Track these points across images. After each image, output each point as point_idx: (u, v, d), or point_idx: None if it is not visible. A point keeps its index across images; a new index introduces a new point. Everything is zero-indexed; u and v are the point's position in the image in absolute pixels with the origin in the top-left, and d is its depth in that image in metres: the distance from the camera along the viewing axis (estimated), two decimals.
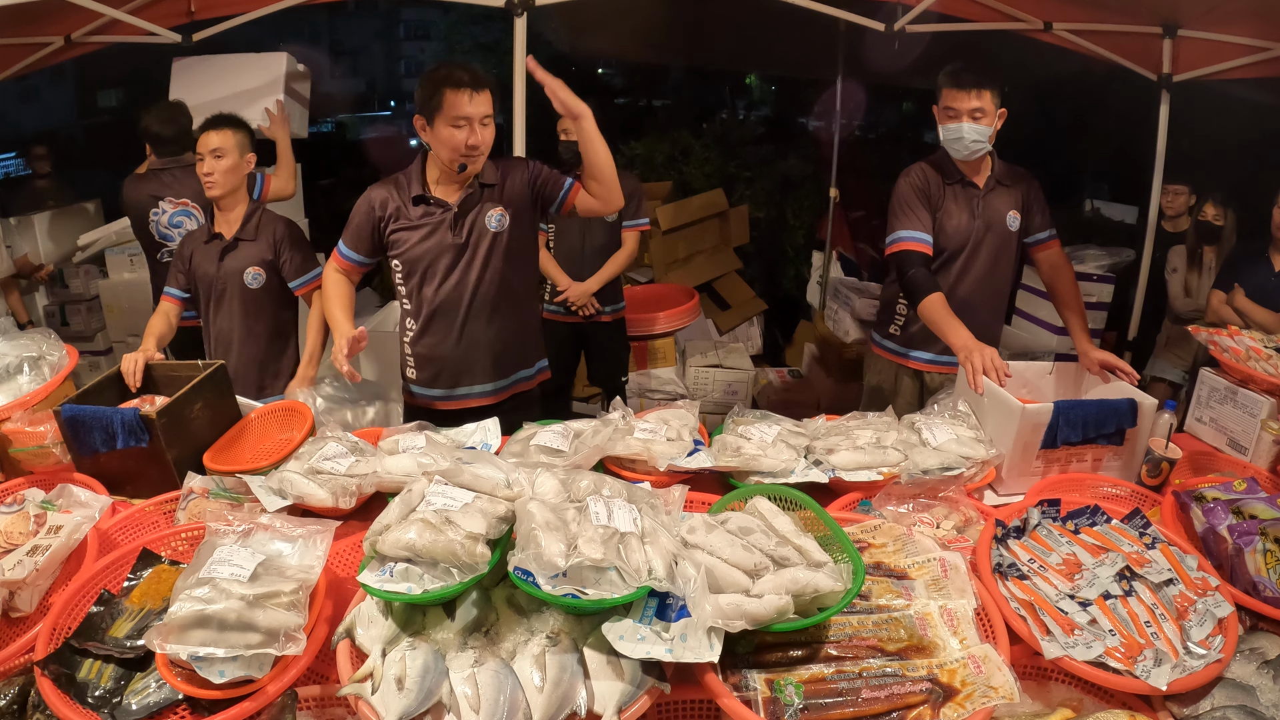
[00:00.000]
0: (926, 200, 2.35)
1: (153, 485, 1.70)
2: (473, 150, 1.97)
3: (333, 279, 2.17)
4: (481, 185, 2.07)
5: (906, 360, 2.50)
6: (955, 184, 2.36)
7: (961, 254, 2.38)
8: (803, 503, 1.42)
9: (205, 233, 2.47)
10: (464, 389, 2.19)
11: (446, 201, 2.06)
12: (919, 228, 2.33)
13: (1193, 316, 3.42)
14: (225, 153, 2.35)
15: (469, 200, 2.06)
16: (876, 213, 5.73)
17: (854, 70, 4.71)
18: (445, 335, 2.14)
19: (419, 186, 2.07)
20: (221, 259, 2.40)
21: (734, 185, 5.86)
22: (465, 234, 2.06)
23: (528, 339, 2.25)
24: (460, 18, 10.55)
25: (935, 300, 2.19)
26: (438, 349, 2.16)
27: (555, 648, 1.11)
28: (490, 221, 2.06)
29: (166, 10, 3.26)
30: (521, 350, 2.24)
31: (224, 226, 2.44)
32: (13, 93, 7.00)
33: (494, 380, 2.20)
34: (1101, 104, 4.74)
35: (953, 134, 2.25)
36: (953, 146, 2.29)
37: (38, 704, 1.14)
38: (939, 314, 2.17)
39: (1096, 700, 1.19)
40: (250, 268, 2.40)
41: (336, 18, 12.46)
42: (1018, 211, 2.40)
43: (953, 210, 2.36)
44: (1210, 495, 1.55)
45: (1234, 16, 3.01)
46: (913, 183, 2.37)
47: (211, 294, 2.44)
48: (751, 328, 5.05)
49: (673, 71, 9.86)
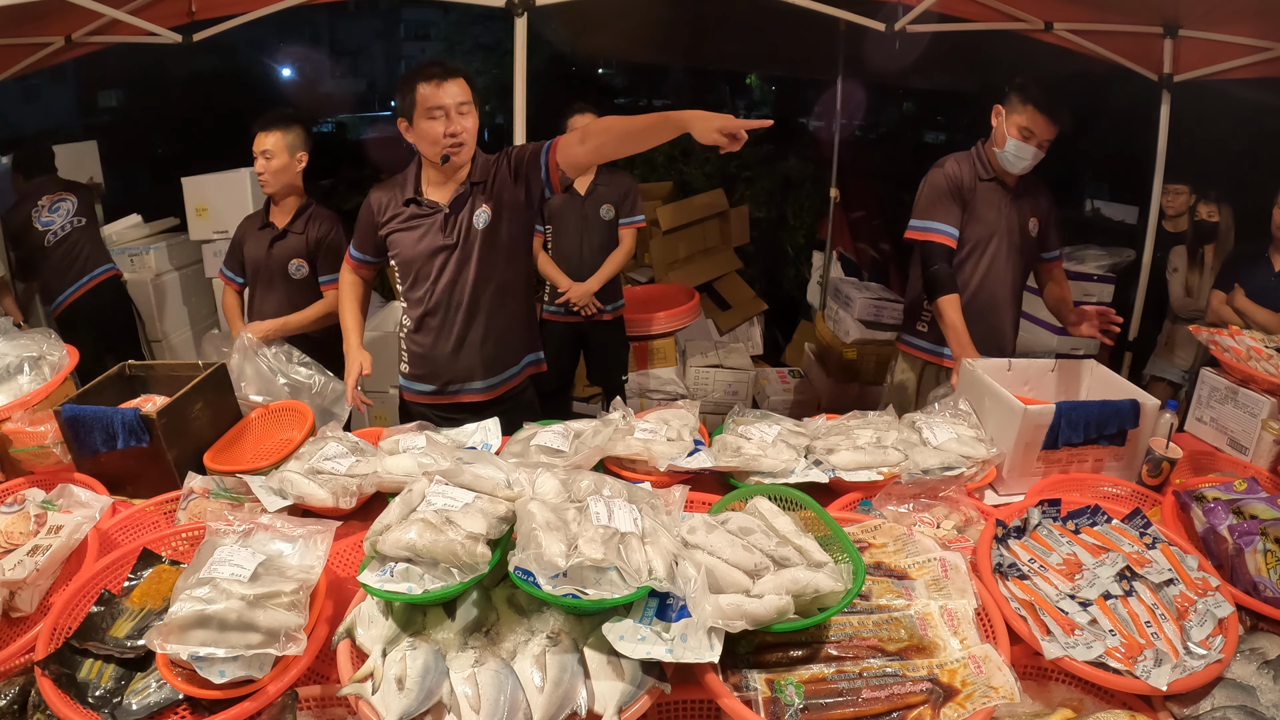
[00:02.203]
0: (959, 194, 2.39)
1: (153, 485, 1.70)
2: (453, 138, 1.97)
3: (346, 280, 2.30)
4: (472, 184, 2.06)
5: (940, 359, 2.52)
6: (990, 181, 2.41)
7: (988, 249, 2.43)
8: (803, 503, 1.42)
9: (260, 218, 2.69)
10: (455, 385, 2.20)
11: (438, 203, 2.07)
12: (947, 220, 2.38)
13: (1193, 316, 3.43)
14: (274, 154, 2.54)
15: (460, 200, 2.06)
16: (877, 213, 5.73)
17: (854, 70, 4.71)
18: (438, 334, 2.15)
19: (412, 189, 2.09)
20: (271, 246, 2.62)
21: (734, 185, 5.86)
22: (456, 234, 2.06)
23: (521, 335, 2.25)
24: (460, 18, 10.55)
25: (952, 301, 2.30)
26: (431, 347, 2.17)
27: (555, 648, 1.11)
28: (477, 220, 2.06)
29: (166, 10, 3.26)
30: (514, 346, 2.24)
31: (277, 217, 2.65)
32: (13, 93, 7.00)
33: (485, 378, 2.20)
34: (1102, 104, 4.74)
35: (1019, 153, 2.31)
36: (1010, 162, 2.34)
37: (38, 704, 1.14)
38: (950, 315, 2.29)
39: (1097, 700, 1.19)
40: (294, 259, 2.62)
41: (336, 18, 12.46)
42: (1038, 221, 2.47)
43: (983, 206, 2.41)
44: (1211, 495, 1.55)
45: (1234, 16, 3.02)
46: (948, 174, 2.40)
47: (259, 276, 2.67)
48: (751, 328, 5.05)
49: (673, 71, 9.85)
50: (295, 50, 10.23)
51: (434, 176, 2.09)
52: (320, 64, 11.05)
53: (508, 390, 2.24)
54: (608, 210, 3.27)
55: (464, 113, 1.97)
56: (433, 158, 2.02)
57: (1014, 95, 2.30)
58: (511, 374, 2.24)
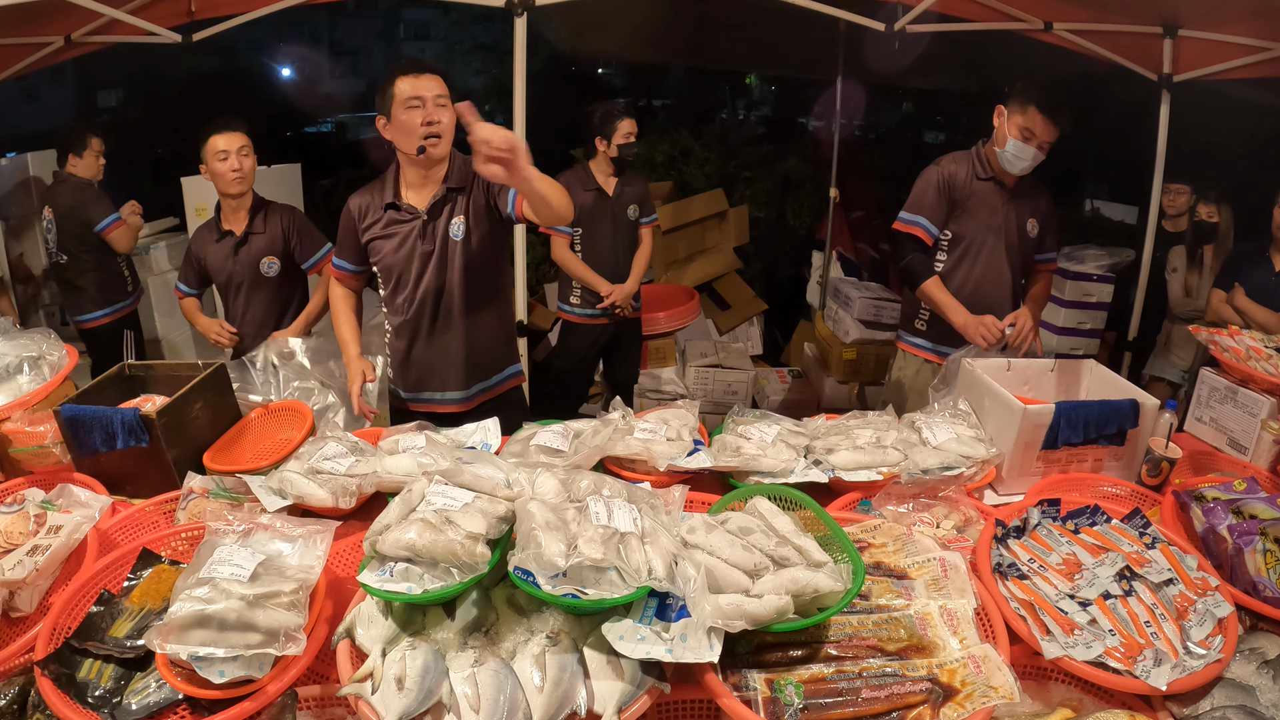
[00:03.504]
0: (949, 195, 2.43)
1: (153, 485, 1.70)
2: (430, 128, 1.95)
3: (336, 294, 2.26)
4: (449, 189, 2.05)
5: (939, 357, 2.53)
6: (988, 181, 2.43)
7: (984, 248, 2.45)
8: (803, 503, 1.42)
9: (215, 231, 2.64)
10: (428, 394, 2.19)
11: (416, 208, 2.06)
12: (930, 217, 2.43)
13: (1193, 316, 3.43)
14: (249, 151, 2.54)
15: (437, 205, 2.05)
16: (876, 213, 5.73)
17: (854, 70, 4.72)
18: (414, 340, 2.15)
19: (391, 193, 2.08)
20: (236, 254, 2.59)
21: (734, 185, 5.86)
22: (433, 242, 2.06)
23: (497, 346, 2.23)
24: (460, 18, 10.54)
25: (934, 283, 2.39)
26: (408, 353, 2.17)
27: (555, 648, 1.11)
28: (453, 230, 2.05)
29: (166, 10, 3.26)
30: (490, 357, 2.22)
31: (233, 224, 2.62)
32: (13, 93, 7.00)
33: (460, 389, 2.19)
34: (1102, 104, 4.74)
35: (1019, 153, 2.32)
36: (1010, 162, 2.36)
37: (38, 704, 1.14)
38: (939, 295, 2.38)
39: (1096, 700, 1.19)
40: (265, 259, 2.60)
41: (336, 18, 12.45)
42: (1036, 222, 2.49)
43: (980, 205, 2.43)
44: (1210, 495, 1.55)
45: (1234, 16, 3.01)
46: (941, 173, 2.44)
47: (230, 285, 2.64)
48: (751, 328, 5.05)
49: (673, 71, 9.85)
50: (295, 50, 10.23)
51: (412, 178, 2.07)
52: (320, 64, 11.05)
53: (486, 400, 2.23)
54: (634, 210, 3.31)
55: (441, 104, 1.96)
56: (410, 151, 1.99)
57: (1016, 96, 2.31)
58: (490, 384, 2.24)
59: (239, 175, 2.52)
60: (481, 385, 2.22)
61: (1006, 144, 2.32)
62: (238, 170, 2.51)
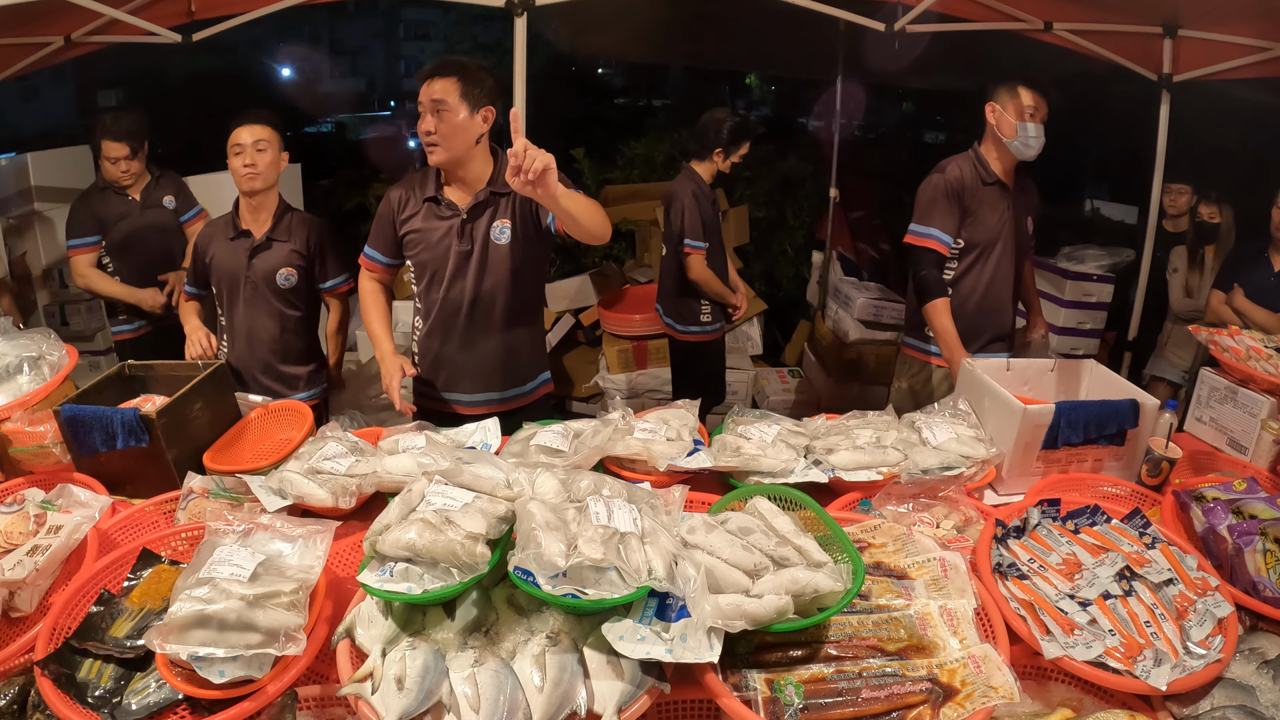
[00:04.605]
0: (959, 200, 2.39)
1: (153, 485, 1.70)
2: (426, 136, 1.94)
3: (366, 288, 2.22)
4: (493, 192, 2.03)
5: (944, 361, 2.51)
6: (993, 185, 2.42)
7: (994, 251, 2.44)
8: (803, 503, 1.42)
9: (230, 228, 2.43)
10: (453, 395, 2.17)
11: (457, 205, 2.05)
12: (944, 228, 2.38)
13: (1193, 316, 3.43)
14: (267, 146, 2.35)
15: (479, 207, 2.04)
16: (876, 213, 5.73)
17: (854, 70, 4.71)
18: (445, 339, 2.13)
19: (433, 188, 2.07)
20: (251, 257, 2.39)
21: (734, 185, 5.84)
22: (472, 242, 2.04)
23: (526, 355, 2.21)
24: (460, 18, 10.55)
25: (942, 305, 2.33)
26: (438, 351, 2.16)
27: (555, 648, 1.11)
28: (495, 233, 2.04)
29: (166, 10, 3.26)
30: (519, 365, 2.19)
31: (252, 224, 2.41)
32: (13, 93, 7.00)
33: (486, 392, 2.17)
34: (1102, 104, 4.74)
35: (1031, 134, 2.30)
36: (1028, 144, 2.32)
37: (38, 704, 1.14)
38: (940, 319, 2.32)
39: (1096, 700, 1.19)
40: (283, 269, 2.40)
41: (336, 18, 12.46)
42: (1031, 219, 2.51)
43: (987, 209, 2.41)
44: (1210, 495, 1.55)
45: (1234, 16, 3.01)
46: (949, 179, 2.40)
47: (237, 289, 2.41)
48: (751, 328, 5.05)
49: (673, 71, 9.86)
50: (295, 50, 10.22)
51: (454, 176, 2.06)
52: (320, 64, 11.05)
53: (519, 407, 2.21)
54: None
55: (440, 112, 1.91)
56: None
57: (1002, 87, 2.32)
58: (519, 393, 2.21)
59: (251, 171, 2.33)
60: (509, 393, 2.19)
61: (1015, 131, 2.30)
62: (250, 165, 2.32)
